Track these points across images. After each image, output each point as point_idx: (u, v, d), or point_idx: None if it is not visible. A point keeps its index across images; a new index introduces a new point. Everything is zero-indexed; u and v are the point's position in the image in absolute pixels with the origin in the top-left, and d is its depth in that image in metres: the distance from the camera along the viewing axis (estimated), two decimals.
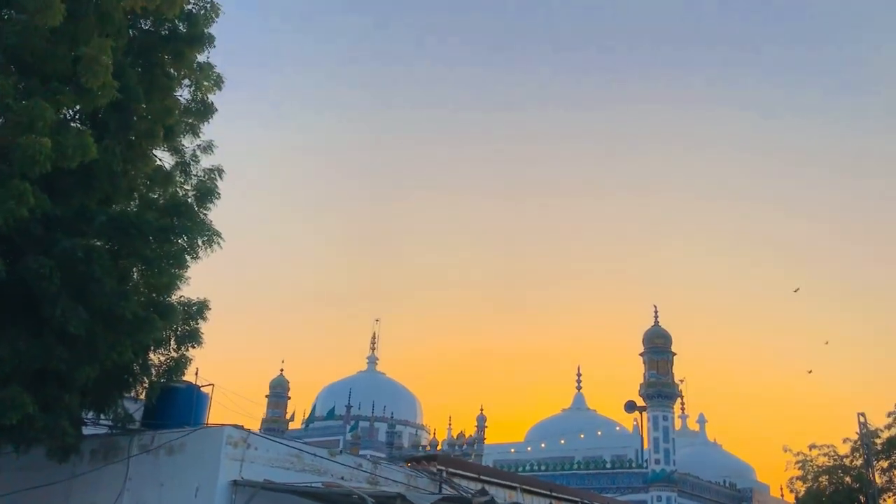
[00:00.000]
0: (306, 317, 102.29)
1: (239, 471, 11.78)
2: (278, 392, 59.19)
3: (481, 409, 49.46)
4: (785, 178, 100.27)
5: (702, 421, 57.27)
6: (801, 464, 42.44)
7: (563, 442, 45.11)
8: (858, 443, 40.61)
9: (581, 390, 53.33)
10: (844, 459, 40.53)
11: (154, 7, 9.40)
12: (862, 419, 34.36)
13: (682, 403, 60.27)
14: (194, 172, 14.58)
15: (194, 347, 13.68)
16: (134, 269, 11.46)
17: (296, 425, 59.75)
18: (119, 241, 10.73)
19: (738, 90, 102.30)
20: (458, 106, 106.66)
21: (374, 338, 65.82)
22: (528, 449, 45.61)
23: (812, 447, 41.98)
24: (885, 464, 39.59)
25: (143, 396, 14.02)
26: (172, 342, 13.37)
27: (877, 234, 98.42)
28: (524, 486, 20.45)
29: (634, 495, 32.62)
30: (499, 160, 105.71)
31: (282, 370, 59.53)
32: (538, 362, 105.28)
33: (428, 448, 52.26)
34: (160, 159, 12.22)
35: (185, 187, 14.52)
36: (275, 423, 58.62)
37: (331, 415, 59.47)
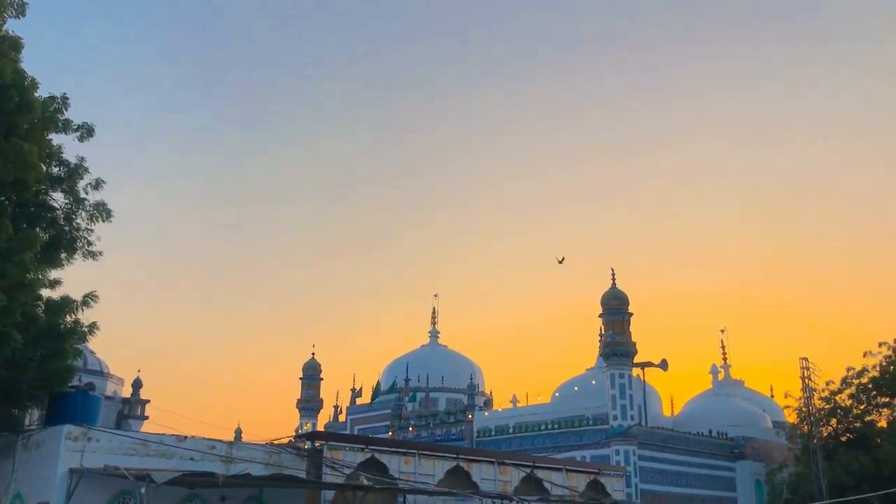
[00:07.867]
0: (373, 301, 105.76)
1: (80, 460, 14.60)
2: (310, 374, 62.58)
3: (471, 378, 51.79)
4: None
5: (714, 371, 57.76)
6: (797, 410, 42.18)
7: (576, 388, 45.61)
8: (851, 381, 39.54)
9: None
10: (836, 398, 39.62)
11: None
12: (805, 363, 34.34)
13: (724, 354, 60.59)
14: (86, 207, 18.04)
15: (65, 362, 16.60)
16: None
17: (365, 400, 63.11)
18: None
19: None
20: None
21: (433, 312, 68.47)
22: (515, 406, 47.56)
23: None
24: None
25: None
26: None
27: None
28: (423, 452, 22.71)
29: (600, 450, 34.40)
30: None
31: (313, 354, 62.88)
32: (565, 327, 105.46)
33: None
34: None
35: (77, 221, 17.94)
36: (308, 403, 62.05)
37: (393, 388, 62.40)
